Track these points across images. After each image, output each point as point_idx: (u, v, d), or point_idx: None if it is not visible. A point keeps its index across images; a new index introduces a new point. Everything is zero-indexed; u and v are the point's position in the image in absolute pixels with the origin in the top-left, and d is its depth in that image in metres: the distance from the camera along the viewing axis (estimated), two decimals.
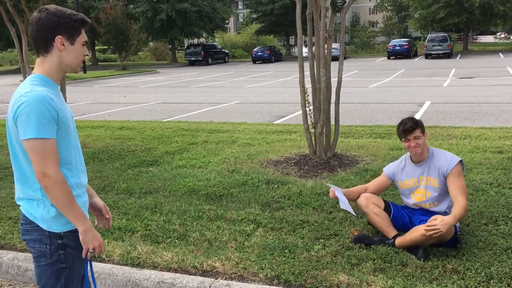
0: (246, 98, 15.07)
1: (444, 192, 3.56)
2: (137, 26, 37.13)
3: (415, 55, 38.30)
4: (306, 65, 5.75)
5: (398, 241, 3.46)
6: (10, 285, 3.58)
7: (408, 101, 12.66)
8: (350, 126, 8.54)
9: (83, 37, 2.01)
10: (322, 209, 4.31)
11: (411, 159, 3.72)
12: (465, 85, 16.26)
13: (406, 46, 36.27)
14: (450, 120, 9.45)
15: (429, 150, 3.64)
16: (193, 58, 39.63)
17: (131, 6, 42.49)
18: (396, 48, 36.37)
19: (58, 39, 1.94)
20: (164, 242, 3.79)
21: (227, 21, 53.76)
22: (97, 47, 49.33)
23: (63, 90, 7.50)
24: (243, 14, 67.56)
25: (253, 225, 4.03)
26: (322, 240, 3.67)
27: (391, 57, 36.48)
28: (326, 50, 5.78)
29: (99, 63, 48.02)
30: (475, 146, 6.36)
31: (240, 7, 68.68)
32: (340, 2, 5.79)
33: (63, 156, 1.97)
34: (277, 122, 10.11)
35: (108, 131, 8.96)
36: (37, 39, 1.95)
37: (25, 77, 7.58)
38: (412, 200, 3.71)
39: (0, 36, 39.60)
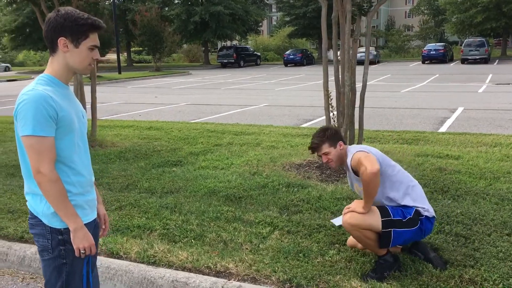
0: (275, 101, 15.07)
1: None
2: (171, 28, 37.68)
3: (451, 60, 37.48)
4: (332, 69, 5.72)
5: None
6: (32, 278, 3.69)
7: (440, 107, 12.39)
8: (377, 131, 8.42)
9: (91, 41, 2.03)
10: (341, 214, 4.26)
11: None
12: (502, 92, 15.80)
13: (441, 51, 35.54)
14: (482, 127, 9.20)
15: (347, 153, 3.35)
16: (225, 60, 39.94)
17: (166, 8, 43.18)
18: (431, 52, 35.69)
19: (61, 40, 2.00)
20: (181, 242, 3.84)
21: (260, 24, 53.97)
22: (132, 49, 50.32)
23: (92, 90, 7.70)
24: (277, 17, 67.62)
25: (269, 227, 4.03)
26: (337, 245, 3.64)
27: (426, 62, 35.83)
28: (351, 54, 5.73)
29: (134, 64, 48.98)
30: (505, 155, 6.17)
31: (273, 10, 68.75)
32: (366, 6, 5.73)
33: (64, 155, 2.02)
34: (304, 125, 10.07)
35: (137, 131, 9.13)
36: (46, 38, 2.04)
37: None
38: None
39: (41, 37, 40.90)
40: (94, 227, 2.25)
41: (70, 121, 2.02)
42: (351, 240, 3.54)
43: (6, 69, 47.90)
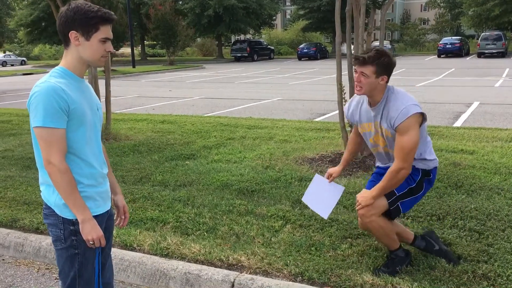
0: (289, 95, 15.04)
1: None
2: (185, 22, 37.76)
3: (467, 53, 37.00)
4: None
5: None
6: (47, 268, 3.75)
7: (455, 101, 12.25)
8: None
9: (102, 33, 2.04)
10: (353, 208, 4.26)
11: (368, 99, 3.12)
12: None
13: (457, 44, 35.10)
14: (498, 122, 9.08)
15: (384, 95, 2.99)
16: (239, 54, 39.94)
17: (180, 2, 43.25)
18: (447, 46, 35.29)
19: (72, 34, 2.02)
20: (194, 234, 3.87)
21: (274, 17, 53.74)
22: (146, 42, 50.54)
23: (107, 84, 7.76)
24: (290, 11, 67.30)
25: (281, 221, 4.04)
26: (349, 240, 3.63)
27: (442, 56, 35.45)
28: (365, 47, 5.68)
29: (147, 58, 49.21)
30: None
31: (287, 3, 68.46)
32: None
33: (76, 146, 2.05)
34: (317, 119, 10.04)
35: (150, 124, 9.19)
36: (59, 32, 2.07)
37: None
38: (373, 146, 3.20)
39: (56, 31, 41.31)
40: (107, 218, 2.28)
41: (82, 113, 2.05)
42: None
43: (22, 63, 48.50)
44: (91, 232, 2.06)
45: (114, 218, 2.42)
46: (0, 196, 4.93)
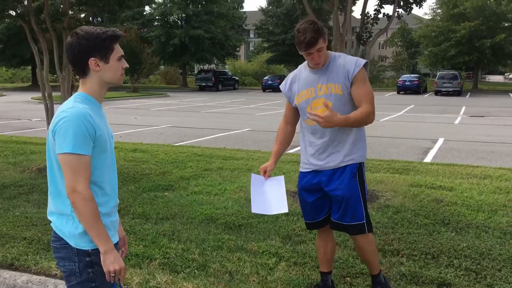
0: (258, 126, 15.04)
1: (347, 102, 2.96)
2: (150, 49, 37.57)
3: (425, 91, 38.46)
4: None
5: None
6: None
7: (421, 137, 12.58)
8: (366, 160, 8.42)
9: (117, 52, 2.03)
10: (346, 245, 4.18)
11: (308, 65, 3.07)
12: (477, 124, 16.19)
13: (416, 82, 36.50)
14: (466, 159, 9.33)
15: (330, 55, 3.01)
16: (204, 84, 39.98)
17: (145, 30, 43.13)
18: (406, 83, 36.60)
19: (92, 61, 1.98)
20: (184, 272, 3.67)
21: (238, 48, 54.40)
22: None
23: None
24: (254, 43, 68.42)
25: (275, 258, 3.90)
26: (348, 279, 3.54)
27: (401, 92, 36.65)
28: None
29: None
30: (497, 187, 6.23)
31: (251, 35, 69.62)
32: (365, 36, 5.78)
33: (96, 174, 1.98)
34: (291, 151, 10.02)
35: (122, 152, 8.90)
36: (74, 64, 2.01)
37: (43, 94, 7.58)
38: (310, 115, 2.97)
39: (15, 54, 40.20)
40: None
41: (104, 140, 2.01)
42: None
43: None
44: (113, 263, 1.94)
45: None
46: None
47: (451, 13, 38.67)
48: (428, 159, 9.37)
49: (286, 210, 3.07)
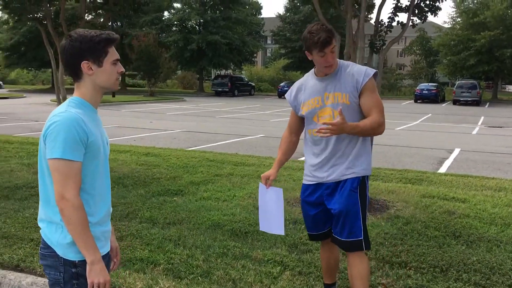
0: (271, 132, 15.01)
1: (354, 112, 2.88)
2: (168, 54, 37.90)
3: (443, 100, 38.03)
4: None
5: None
6: None
7: (437, 147, 12.40)
8: (379, 169, 8.34)
9: (112, 56, 1.97)
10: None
11: (315, 74, 3.00)
12: (495, 135, 15.93)
13: (434, 91, 36.12)
14: (481, 170, 9.16)
15: (339, 63, 2.94)
16: (220, 89, 40.11)
17: (164, 35, 43.54)
18: (424, 92, 36.24)
19: (84, 64, 1.93)
20: (187, 278, 3.64)
21: (255, 54, 54.53)
22: (127, 72, 50.44)
23: None
24: (271, 49, 68.53)
25: (279, 267, 3.86)
26: None
27: (418, 101, 36.30)
28: None
29: (127, 88, 48.97)
30: None
31: (268, 42, 69.75)
32: (378, 44, 5.72)
33: (87, 181, 1.93)
34: (302, 159, 9.96)
35: (134, 156, 8.94)
36: (67, 67, 1.97)
37: (58, 97, 7.68)
38: (317, 125, 2.91)
39: (35, 56, 40.97)
40: (107, 260, 2.11)
41: (97, 147, 1.96)
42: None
43: None
44: (98, 275, 1.89)
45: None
46: None
47: (471, 22, 38.22)
48: (442, 169, 9.23)
49: (282, 233, 3.06)
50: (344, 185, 2.93)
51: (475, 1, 40.43)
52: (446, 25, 45.63)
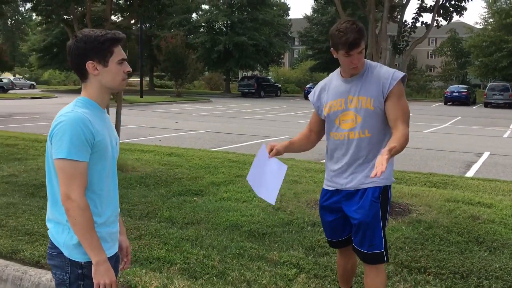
0: (296, 133, 14.80)
1: (378, 118, 2.71)
2: (195, 55, 38.23)
3: (474, 102, 37.13)
4: None
5: None
6: None
7: (465, 150, 12.12)
8: (403, 172, 8.20)
9: (117, 56, 1.94)
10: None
11: (340, 74, 2.84)
12: None
13: (464, 93, 35.28)
14: (511, 175, 8.90)
15: (366, 64, 2.77)
16: (246, 90, 40.22)
17: (191, 36, 43.94)
18: (454, 94, 35.47)
19: (89, 64, 1.92)
20: (202, 278, 3.65)
21: (282, 56, 54.44)
22: (155, 73, 51.10)
23: (118, 113, 7.67)
24: (299, 50, 68.29)
25: (295, 269, 3.82)
26: None
27: (448, 103, 35.56)
28: None
29: (155, 88, 49.63)
30: None
31: (296, 43, 69.54)
32: (402, 45, 5.62)
33: (94, 182, 1.92)
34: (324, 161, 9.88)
35: (158, 156, 9.04)
36: (73, 67, 1.96)
37: None
38: (338, 129, 2.82)
39: (67, 57, 41.91)
40: (114, 261, 2.10)
41: (105, 147, 1.94)
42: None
43: (31, 87, 48.93)
44: (104, 276, 1.89)
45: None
46: (1, 224, 4.74)
47: (504, 23, 37.26)
48: (470, 173, 9.01)
49: (273, 202, 2.87)
50: (365, 194, 2.78)
51: (508, 2, 39.37)
52: (478, 26, 44.65)
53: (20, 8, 69.39)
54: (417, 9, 5.93)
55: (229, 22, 43.06)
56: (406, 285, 3.60)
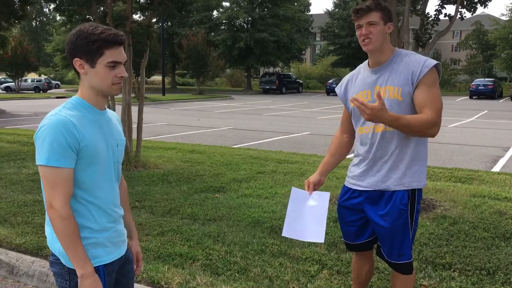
0: (318, 130, 14.87)
1: (408, 110, 2.48)
2: (216, 53, 38.36)
3: (500, 96, 36.31)
4: None
5: None
6: None
7: (492, 144, 11.86)
8: (427, 167, 8.05)
9: (108, 57, 1.78)
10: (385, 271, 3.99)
11: (368, 65, 2.64)
12: None
13: (490, 86, 34.52)
14: None
15: (395, 51, 2.55)
16: (267, 87, 40.18)
17: (212, 33, 44.09)
18: (480, 87, 34.75)
19: (76, 62, 1.81)
20: (224, 275, 3.66)
21: (303, 51, 54.17)
22: (177, 71, 51.46)
23: (140, 111, 7.73)
24: (320, 46, 67.84)
25: (317, 265, 3.80)
26: None
27: (474, 97, 34.88)
28: None
29: (177, 86, 49.99)
30: None
31: (317, 38, 69.10)
32: (425, 38, 5.51)
33: (85, 187, 1.82)
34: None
35: (179, 153, 9.11)
36: (68, 61, 1.87)
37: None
38: (364, 123, 2.63)
39: None
40: (126, 262, 2.04)
41: (95, 151, 1.81)
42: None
43: (56, 86, 49.83)
44: None
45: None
46: (27, 222, 4.84)
47: None
48: (496, 168, 8.81)
49: (322, 240, 2.62)
50: (392, 199, 2.56)
51: None
52: (504, 18, 43.62)
53: (45, 9, 70.84)
54: (440, 1, 5.81)
55: (249, 19, 43.02)
56: (431, 281, 3.54)
